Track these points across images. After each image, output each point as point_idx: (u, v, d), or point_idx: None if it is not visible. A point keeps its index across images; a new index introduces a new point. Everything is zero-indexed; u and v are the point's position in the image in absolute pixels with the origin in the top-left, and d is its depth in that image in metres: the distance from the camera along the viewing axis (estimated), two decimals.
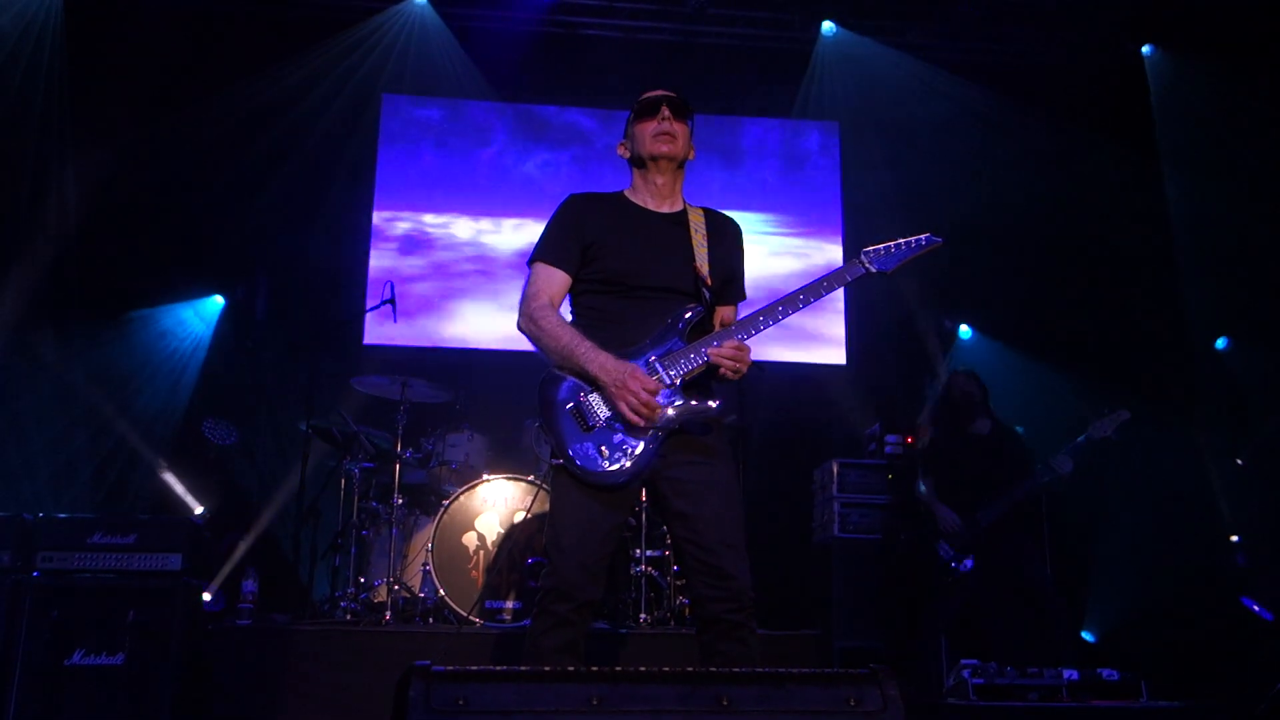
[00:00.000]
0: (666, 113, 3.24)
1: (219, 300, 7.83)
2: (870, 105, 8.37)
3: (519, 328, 3.19)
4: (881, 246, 3.19)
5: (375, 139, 8.18)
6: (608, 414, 3.01)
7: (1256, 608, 6.71)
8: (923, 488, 5.88)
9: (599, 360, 3.01)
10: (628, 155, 3.35)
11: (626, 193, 3.36)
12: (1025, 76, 8.16)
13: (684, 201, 3.36)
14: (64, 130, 7.33)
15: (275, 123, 7.73)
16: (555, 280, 3.20)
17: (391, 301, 6.35)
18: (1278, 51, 7.37)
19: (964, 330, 8.42)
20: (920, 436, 6.30)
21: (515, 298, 3.24)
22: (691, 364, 3.05)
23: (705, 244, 3.25)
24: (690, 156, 3.34)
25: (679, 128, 3.26)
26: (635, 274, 3.17)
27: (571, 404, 3.05)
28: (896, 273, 3.21)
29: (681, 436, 3.07)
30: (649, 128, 3.25)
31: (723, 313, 3.32)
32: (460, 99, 8.29)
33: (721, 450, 3.18)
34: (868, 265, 3.19)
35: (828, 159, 8.63)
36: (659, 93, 3.29)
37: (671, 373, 3.04)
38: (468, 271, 8.05)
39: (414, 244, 8.06)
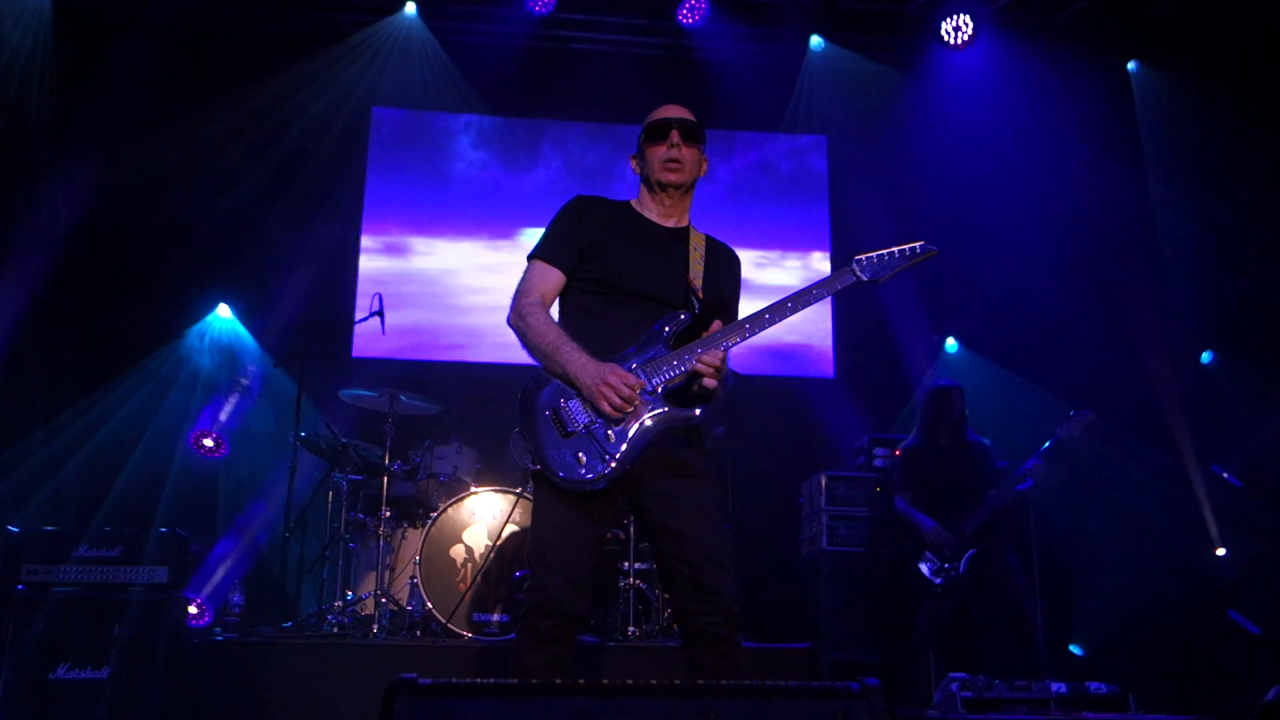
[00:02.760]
0: (676, 138, 3.22)
1: (225, 311, 7.79)
2: (858, 119, 8.41)
3: (508, 322, 3.19)
4: (874, 254, 3.12)
5: (365, 152, 8.18)
6: (586, 420, 3.00)
7: (1243, 621, 6.73)
8: (900, 503, 5.88)
9: (579, 360, 3.01)
10: (638, 171, 3.35)
11: (633, 203, 3.37)
12: (1011, 91, 8.20)
13: (689, 221, 3.37)
14: (53, 148, 7.31)
15: (264, 137, 7.73)
16: (550, 278, 3.21)
17: (380, 314, 6.35)
18: (1260, 67, 7.43)
19: (950, 344, 8.44)
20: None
21: (503, 311, 3.24)
22: (674, 371, 3.03)
23: (702, 263, 3.25)
24: (702, 173, 3.33)
25: (688, 153, 3.24)
26: (627, 277, 3.18)
27: (550, 410, 3.04)
28: (889, 281, 3.14)
29: (663, 452, 3.07)
30: (659, 153, 3.23)
31: None
32: (450, 113, 8.29)
33: (705, 468, 3.17)
34: (859, 274, 3.12)
35: (816, 172, 8.66)
36: (670, 114, 3.26)
37: (654, 380, 3.03)
38: (456, 283, 8.05)
39: (403, 256, 8.06)
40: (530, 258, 3.26)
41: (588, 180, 8.29)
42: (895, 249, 3.13)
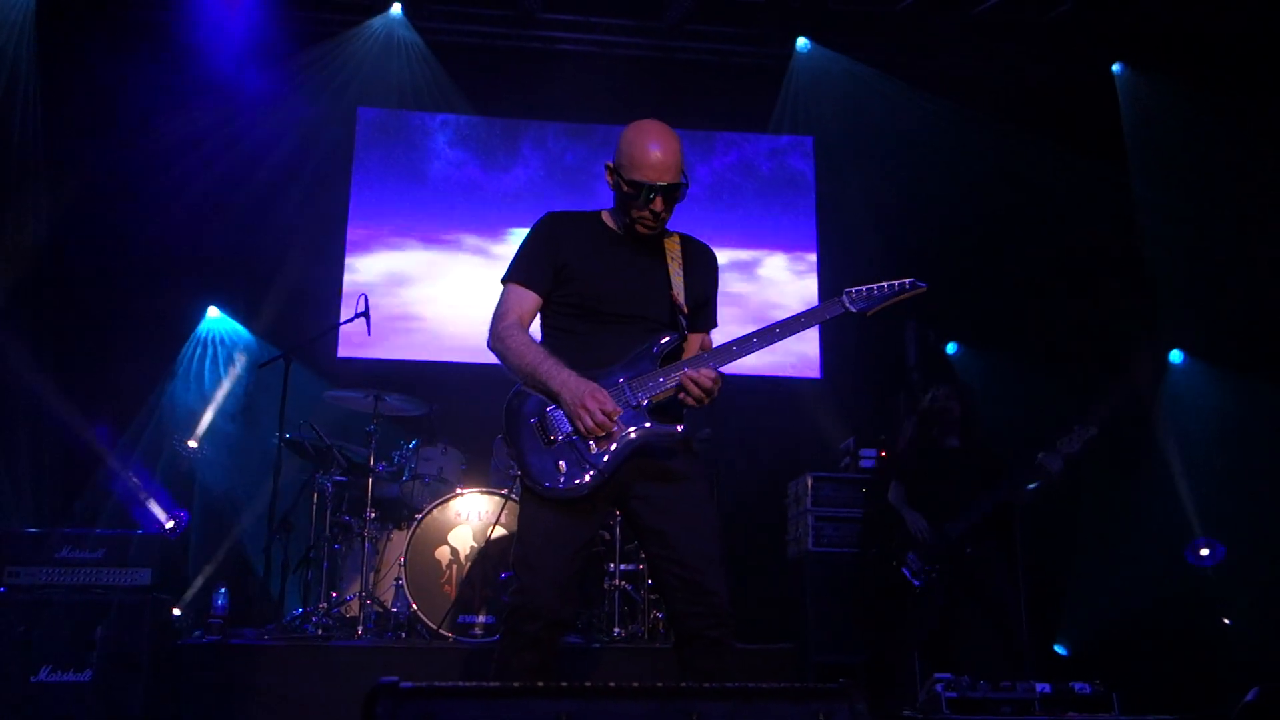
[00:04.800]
0: (659, 205, 3.10)
1: (214, 312, 7.75)
2: (845, 120, 8.42)
3: (488, 346, 3.18)
4: (864, 287, 3.15)
5: (350, 152, 8.16)
6: (569, 429, 3.01)
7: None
8: (892, 494, 5.88)
9: (561, 377, 3.01)
10: (612, 186, 3.19)
11: (605, 214, 3.31)
12: (997, 92, 8.22)
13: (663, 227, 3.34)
14: (36, 150, 7.27)
15: (250, 137, 7.70)
16: (526, 301, 3.19)
17: (365, 315, 6.33)
18: (1245, 70, 7.47)
19: (950, 345, 8.44)
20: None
21: (489, 312, 3.23)
22: (660, 387, 3.05)
23: (681, 271, 3.22)
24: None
25: (667, 214, 3.16)
26: (608, 299, 3.16)
27: (535, 419, 3.04)
28: (875, 314, 3.19)
29: (648, 460, 3.07)
30: (640, 213, 3.12)
31: (695, 340, 3.29)
32: (436, 113, 8.28)
33: (692, 470, 3.17)
34: (847, 305, 3.15)
35: (802, 173, 8.67)
36: (659, 176, 3.06)
37: (639, 395, 3.04)
38: (442, 284, 8.03)
39: (388, 257, 8.03)
40: (504, 281, 3.23)
41: (573, 180, 8.28)
42: (885, 283, 3.16)
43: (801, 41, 8.36)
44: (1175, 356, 8.00)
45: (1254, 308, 7.24)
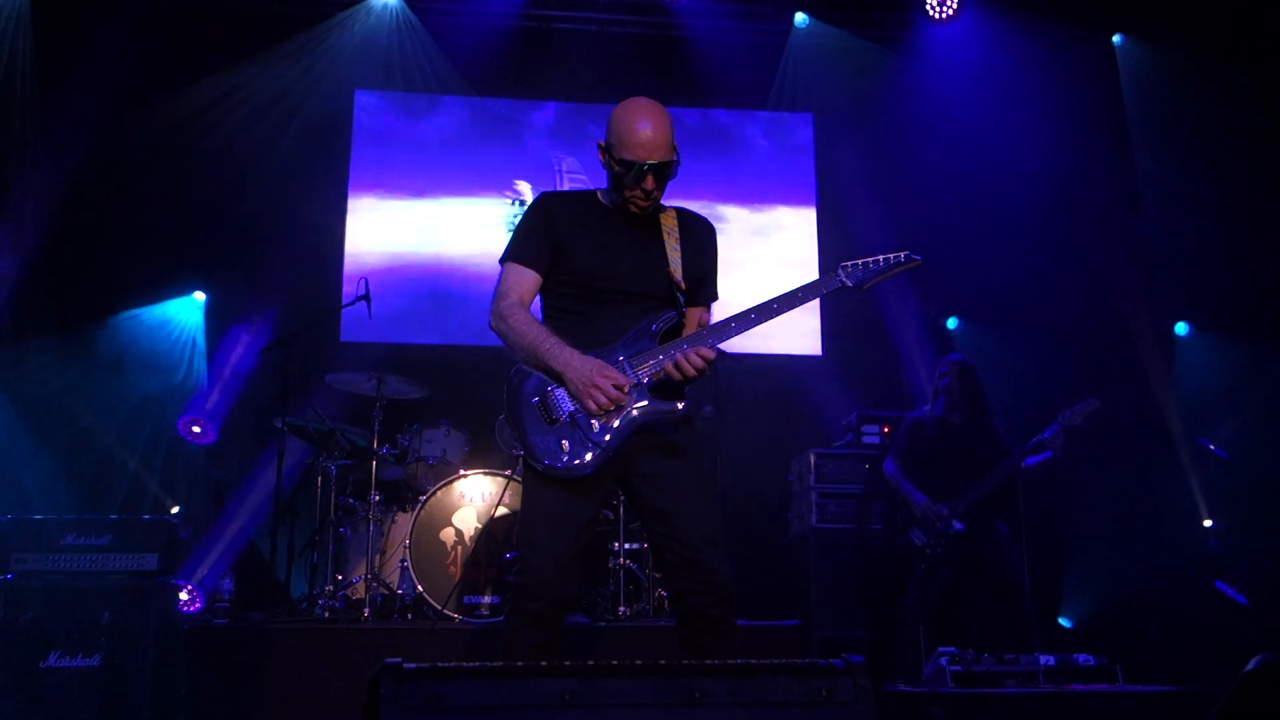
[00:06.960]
0: (651, 184, 3.12)
1: (200, 297, 7.74)
2: (844, 95, 8.39)
3: (490, 326, 3.19)
4: (860, 261, 3.16)
5: (349, 135, 8.13)
6: (571, 408, 3.01)
7: (1231, 591, 6.77)
8: (889, 468, 5.88)
9: (564, 356, 3.01)
10: (605, 166, 3.20)
11: (600, 193, 3.32)
12: (996, 65, 8.18)
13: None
14: (34, 125, 7.25)
15: (247, 120, 7.68)
16: (525, 280, 3.19)
17: (366, 298, 6.32)
18: (1246, 40, 7.43)
19: (951, 320, 8.43)
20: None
21: (490, 294, 3.24)
22: (661, 365, 3.05)
23: (678, 246, 3.22)
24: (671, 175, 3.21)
25: (659, 192, 3.18)
26: (606, 277, 3.16)
27: (537, 397, 3.05)
28: (871, 288, 3.20)
29: (650, 437, 3.08)
30: (631, 192, 3.14)
31: (694, 314, 3.31)
32: (433, 94, 8.25)
33: (694, 448, 3.18)
34: (844, 280, 3.16)
35: (802, 150, 8.63)
36: (649, 154, 3.06)
37: (640, 373, 3.04)
38: (442, 267, 8.01)
39: (388, 239, 8.01)
40: (503, 261, 3.24)
41: (571, 160, 8.24)
42: (881, 257, 3.17)
43: (800, 17, 8.31)
44: (1180, 329, 8.00)
45: (1259, 279, 7.22)
